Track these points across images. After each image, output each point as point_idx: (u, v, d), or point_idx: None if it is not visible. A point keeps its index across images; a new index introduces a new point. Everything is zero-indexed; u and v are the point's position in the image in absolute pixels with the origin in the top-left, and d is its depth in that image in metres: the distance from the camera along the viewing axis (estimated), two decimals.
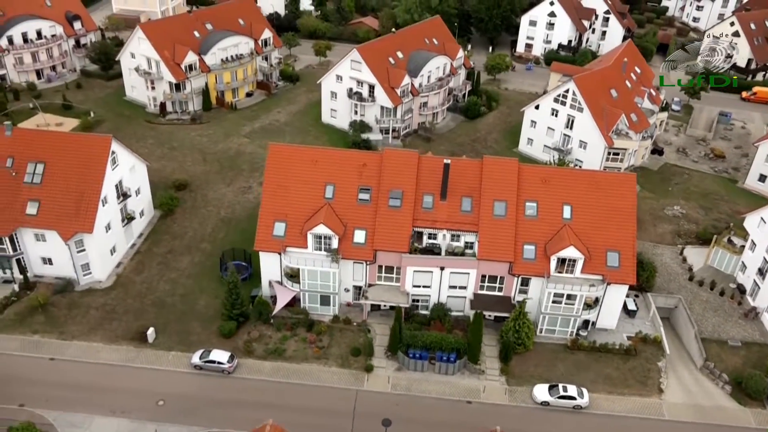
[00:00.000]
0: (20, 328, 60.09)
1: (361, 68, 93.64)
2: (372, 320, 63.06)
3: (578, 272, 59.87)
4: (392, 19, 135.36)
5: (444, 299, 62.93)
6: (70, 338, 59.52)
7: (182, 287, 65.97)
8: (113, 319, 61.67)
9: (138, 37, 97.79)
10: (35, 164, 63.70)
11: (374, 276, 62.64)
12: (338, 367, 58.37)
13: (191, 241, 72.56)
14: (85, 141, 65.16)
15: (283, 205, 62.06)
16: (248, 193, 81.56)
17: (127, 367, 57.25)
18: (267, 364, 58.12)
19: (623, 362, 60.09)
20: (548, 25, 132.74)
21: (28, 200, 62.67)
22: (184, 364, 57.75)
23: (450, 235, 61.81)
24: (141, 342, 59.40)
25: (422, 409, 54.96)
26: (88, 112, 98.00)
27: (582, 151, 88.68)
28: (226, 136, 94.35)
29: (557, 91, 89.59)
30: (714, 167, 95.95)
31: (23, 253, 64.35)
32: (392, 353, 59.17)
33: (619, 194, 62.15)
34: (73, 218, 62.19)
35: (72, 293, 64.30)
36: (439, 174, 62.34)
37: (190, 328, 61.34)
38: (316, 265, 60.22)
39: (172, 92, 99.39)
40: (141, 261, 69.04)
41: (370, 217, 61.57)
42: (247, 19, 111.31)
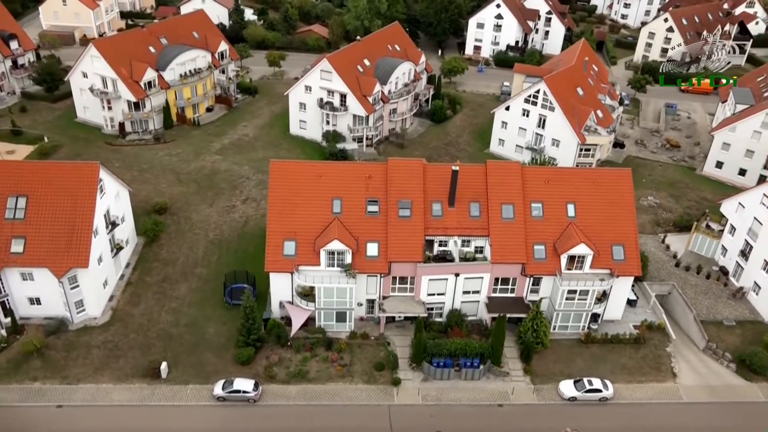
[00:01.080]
0: (17, 377, 55.52)
1: (331, 78, 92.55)
2: (388, 332, 62.42)
3: (587, 268, 61.57)
4: (342, 27, 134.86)
5: (458, 305, 63.17)
6: (75, 382, 55.53)
7: (186, 316, 62.94)
8: (119, 357, 58.04)
9: (91, 55, 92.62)
10: (16, 198, 59.03)
11: (388, 288, 62.04)
12: (364, 383, 57.41)
13: (184, 267, 69.36)
14: (71, 170, 60.78)
15: (290, 223, 60.39)
16: (233, 213, 78.82)
17: (143, 406, 54.02)
18: (292, 388, 56.38)
19: (635, 351, 62.30)
20: (495, 27, 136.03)
21: (11, 237, 57.97)
22: (205, 397, 55.12)
23: (461, 241, 62.14)
24: (154, 378, 56.21)
25: (457, 417, 54.88)
26: (40, 137, 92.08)
27: (555, 149, 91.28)
28: (196, 155, 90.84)
29: (527, 92, 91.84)
30: (672, 157, 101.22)
31: (8, 295, 59.54)
32: (417, 364, 58.75)
33: (617, 190, 64.33)
34: (65, 253, 58.04)
35: (66, 333, 60.02)
36: (444, 181, 62.45)
37: (204, 358, 58.61)
38: (333, 281, 58.99)
39: (131, 111, 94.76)
40: (135, 292, 65.35)
41: (381, 229, 60.92)
42: (201, 32, 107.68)
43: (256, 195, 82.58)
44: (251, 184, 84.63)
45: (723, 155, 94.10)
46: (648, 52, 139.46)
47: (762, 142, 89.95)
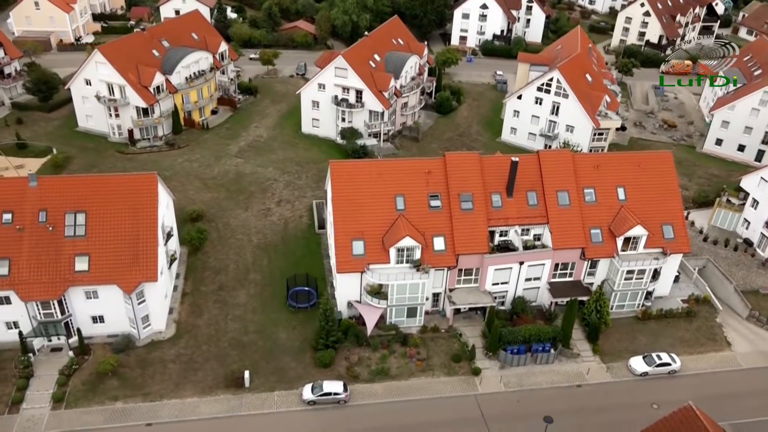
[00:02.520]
0: (96, 398, 53.79)
1: (346, 74, 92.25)
2: (456, 324, 63.43)
3: (641, 248, 64.18)
4: (329, 22, 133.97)
5: (520, 292, 64.75)
6: (159, 398, 54.22)
7: (253, 323, 62.16)
8: (197, 370, 56.93)
9: (96, 61, 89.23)
10: (74, 214, 56.87)
11: (454, 280, 63.03)
12: (446, 376, 58.31)
13: (236, 273, 68.28)
14: (129, 182, 58.89)
15: (357, 222, 60.49)
16: (270, 216, 77.86)
17: (234, 417, 53.30)
18: (377, 386, 56.72)
19: (689, 324, 65.46)
20: (481, 16, 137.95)
21: (74, 256, 55.86)
22: (294, 402, 54.83)
23: (520, 230, 63.63)
24: (238, 388, 55.46)
25: (541, 400, 56.46)
26: (47, 149, 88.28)
27: (569, 134, 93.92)
28: (216, 159, 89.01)
29: (540, 81, 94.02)
30: (671, 137, 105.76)
31: (72, 314, 57.42)
32: (492, 352, 60.04)
33: (660, 171, 67.09)
34: (133, 268, 56.35)
35: (135, 350, 58.41)
36: (500, 172, 63.76)
37: (283, 363, 58.17)
38: (407, 278, 59.47)
39: (140, 118, 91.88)
40: (194, 303, 64.01)
41: (446, 223, 61.74)
42: (200, 33, 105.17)
43: (288, 196, 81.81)
44: (280, 186, 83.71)
45: (722, 133, 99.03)
46: (625, 37, 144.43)
47: (760, 118, 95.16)
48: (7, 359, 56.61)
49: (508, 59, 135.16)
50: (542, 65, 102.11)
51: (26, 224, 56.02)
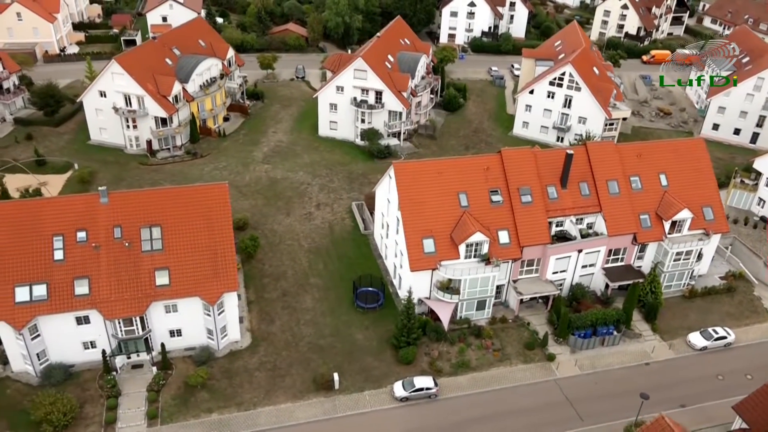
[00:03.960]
0: (190, 412, 53.43)
1: (366, 76, 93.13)
2: (521, 313, 65.58)
3: (685, 230, 67.86)
4: (321, 24, 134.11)
5: (577, 279, 67.45)
6: (252, 407, 54.29)
7: (326, 326, 62.69)
8: (283, 376, 57.17)
9: (112, 72, 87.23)
10: (150, 229, 56.19)
11: (517, 272, 65.16)
12: (523, 363, 60.40)
13: (296, 278, 68.51)
14: (200, 193, 58.39)
15: (425, 221, 61.82)
16: (313, 220, 78.23)
17: (331, 419, 53.95)
18: (461, 379, 58.31)
19: (731, 299, 69.60)
20: (469, 14, 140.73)
21: (154, 270, 55.21)
22: (386, 400, 55.85)
23: (575, 219, 66.31)
24: (328, 390, 56.05)
25: (617, 380, 59.22)
26: (67, 165, 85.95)
27: (581, 126, 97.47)
28: (244, 166, 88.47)
29: (552, 75, 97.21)
30: (669, 124, 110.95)
31: (151, 330, 56.71)
32: (562, 338, 62.46)
33: (695, 157, 71.02)
34: (213, 278, 56.13)
35: (216, 361, 58.12)
36: (553, 165, 66.28)
37: (366, 363, 59.03)
38: (478, 272, 61.20)
39: (159, 128, 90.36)
40: (262, 310, 64.00)
41: (508, 217, 63.76)
42: (206, 40, 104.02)
43: (325, 199, 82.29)
44: (314, 189, 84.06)
45: (719, 118, 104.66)
46: (604, 29, 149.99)
47: (755, 103, 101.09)
48: (89, 379, 55.57)
49: (498, 55, 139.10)
50: (548, 60, 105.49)
51: (101, 242, 55.03)
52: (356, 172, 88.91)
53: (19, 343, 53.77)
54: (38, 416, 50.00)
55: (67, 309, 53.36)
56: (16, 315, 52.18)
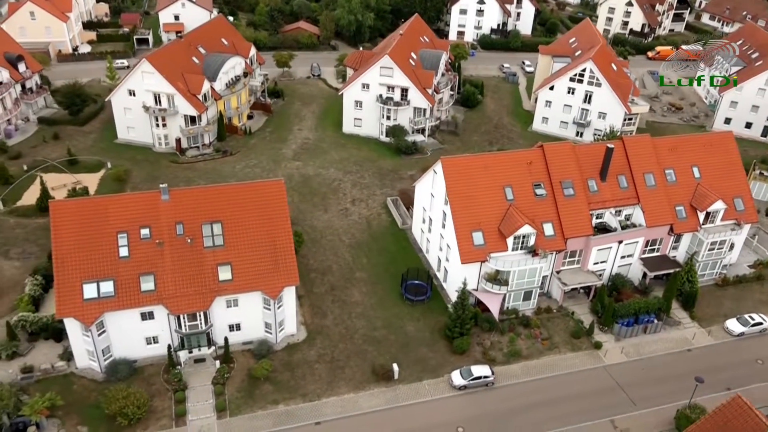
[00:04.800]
0: (257, 404, 54.58)
1: (392, 73, 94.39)
2: (564, 303, 67.52)
3: (718, 221, 70.25)
4: (334, 22, 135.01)
5: (616, 269, 69.50)
6: (317, 398, 55.59)
7: (377, 319, 64.09)
8: (343, 368, 58.51)
9: (143, 71, 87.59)
10: (211, 225, 57.13)
11: (560, 263, 67.04)
12: (571, 351, 62.30)
13: (342, 273, 69.80)
14: (258, 189, 59.43)
15: (473, 214, 63.40)
16: (350, 215, 79.52)
17: (394, 408, 55.40)
18: (514, 367, 60.08)
19: (761, 286, 72.15)
20: (478, 11, 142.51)
21: (217, 266, 56.18)
22: (445, 389, 57.43)
23: (614, 211, 68.34)
24: (388, 381, 57.50)
25: (663, 366, 61.32)
26: (99, 164, 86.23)
27: (601, 121, 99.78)
28: (275, 163, 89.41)
29: (573, 71, 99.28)
30: (681, 118, 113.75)
31: (212, 325, 57.69)
32: (607, 326, 64.48)
33: (725, 150, 73.40)
34: (275, 273, 57.22)
35: (275, 354, 59.25)
36: (592, 159, 68.24)
37: (421, 354, 60.55)
38: (527, 263, 62.94)
39: (189, 126, 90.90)
40: (313, 304, 65.17)
41: (552, 210, 65.59)
42: (228, 38, 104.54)
43: (359, 195, 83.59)
44: (347, 185, 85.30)
45: (731, 112, 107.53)
46: (609, 26, 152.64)
47: (766, 97, 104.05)
48: (153, 374, 56.47)
49: (507, 52, 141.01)
50: (564, 57, 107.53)
51: (164, 238, 55.89)
52: (386, 168, 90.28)
53: (86, 340, 54.49)
54: (113, 410, 50.86)
55: (134, 305, 54.21)
56: (85, 311, 52.92)
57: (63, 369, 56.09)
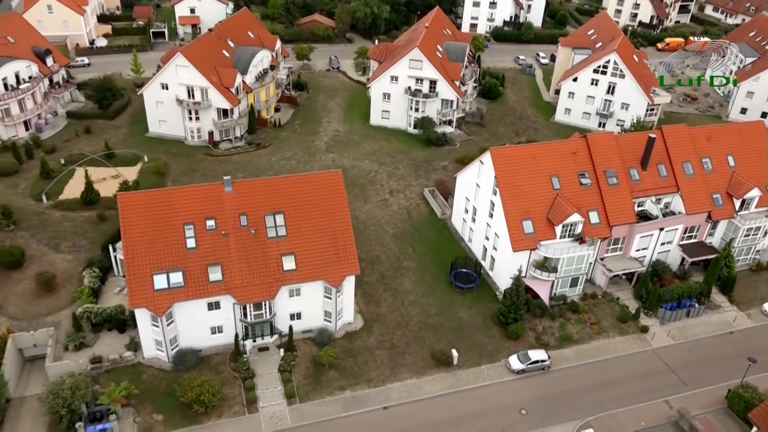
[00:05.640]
0: (324, 390, 55.95)
1: (421, 66, 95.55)
2: (607, 289, 69.46)
3: (752, 208, 72.47)
4: (350, 15, 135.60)
5: (656, 256, 71.48)
6: (381, 383, 57.06)
7: (431, 306, 65.57)
8: (403, 354, 59.97)
9: (176, 64, 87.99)
10: (273, 216, 58.18)
11: (604, 250, 68.87)
12: (619, 336, 64.22)
13: (390, 263, 71.14)
14: (317, 181, 60.57)
15: (523, 203, 64.98)
16: (390, 206, 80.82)
17: (456, 392, 57.00)
18: (567, 351, 61.89)
19: None
20: (491, 4, 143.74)
21: (281, 256, 57.29)
22: (503, 373, 59.11)
23: (655, 199, 70.26)
24: (448, 366, 59.10)
25: (708, 348, 63.50)
26: (135, 158, 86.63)
27: (624, 111, 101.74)
28: (310, 156, 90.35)
29: (597, 63, 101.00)
30: (697, 108, 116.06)
31: (276, 314, 58.84)
32: (651, 311, 66.46)
33: (757, 139, 75.54)
34: (336, 262, 58.46)
35: (335, 342, 60.55)
36: (633, 148, 70.04)
37: (476, 340, 62.16)
38: (575, 251, 64.66)
39: (222, 119, 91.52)
40: (366, 293, 66.43)
41: (596, 198, 67.31)
42: (254, 31, 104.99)
43: (396, 186, 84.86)
44: (383, 177, 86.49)
45: (747, 102, 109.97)
46: (618, 18, 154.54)
47: None
48: (219, 363, 57.54)
49: (520, 44, 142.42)
50: (585, 48, 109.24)
51: (229, 229, 56.88)
52: (419, 160, 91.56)
53: (155, 330, 55.44)
54: (188, 398, 51.91)
55: (203, 295, 55.21)
56: (156, 301, 53.84)
57: (130, 359, 57.03)
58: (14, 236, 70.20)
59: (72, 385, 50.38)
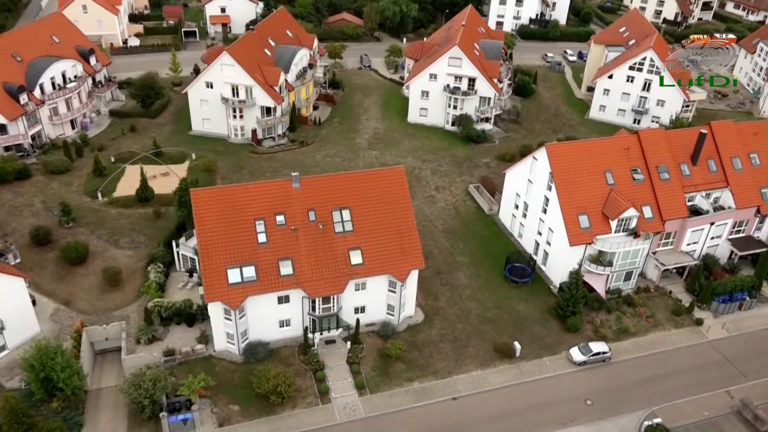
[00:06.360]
0: (393, 381, 57.16)
1: (461, 64, 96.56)
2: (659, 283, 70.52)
3: None
4: (379, 13, 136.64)
5: (705, 250, 72.50)
6: (448, 375, 58.24)
7: (488, 300, 66.71)
8: (466, 346, 61.13)
9: (222, 63, 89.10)
10: (340, 211, 59.31)
11: (656, 244, 69.91)
12: (674, 328, 65.27)
13: (443, 258, 72.27)
14: (380, 176, 61.63)
15: (578, 198, 66.03)
16: (437, 202, 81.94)
17: (521, 383, 58.14)
18: (625, 344, 62.95)
19: None
20: (517, 2, 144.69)
21: (348, 250, 58.42)
22: (565, 365, 60.25)
23: (705, 194, 71.26)
24: (510, 358, 60.22)
25: (763, 340, 64.50)
26: (182, 155, 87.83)
27: (659, 108, 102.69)
28: (354, 153, 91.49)
29: (633, 60, 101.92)
30: (728, 104, 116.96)
31: (342, 307, 60.00)
32: (705, 304, 67.48)
33: None
34: (401, 256, 59.56)
35: (399, 335, 61.70)
36: (683, 144, 71.03)
37: (535, 332, 63.26)
38: (631, 245, 65.69)
39: (265, 117, 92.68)
40: (423, 287, 67.18)
41: (649, 193, 68.34)
42: (292, 30, 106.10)
43: (441, 183, 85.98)
44: (428, 173, 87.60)
45: None
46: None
47: None
48: (288, 355, 58.75)
49: (545, 42, 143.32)
50: (618, 46, 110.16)
51: (298, 224, 58.03)
52: (460, 157, 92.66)
53: (227, 323, 56.64)
54: (264, 389, 53.09)
55: (275, 289, 56.38)
56: (231, 295, 55.02)
57: (202, 352, 58.24)
58: (74, 233, 71.57)
59: (152, 376, 51.64)
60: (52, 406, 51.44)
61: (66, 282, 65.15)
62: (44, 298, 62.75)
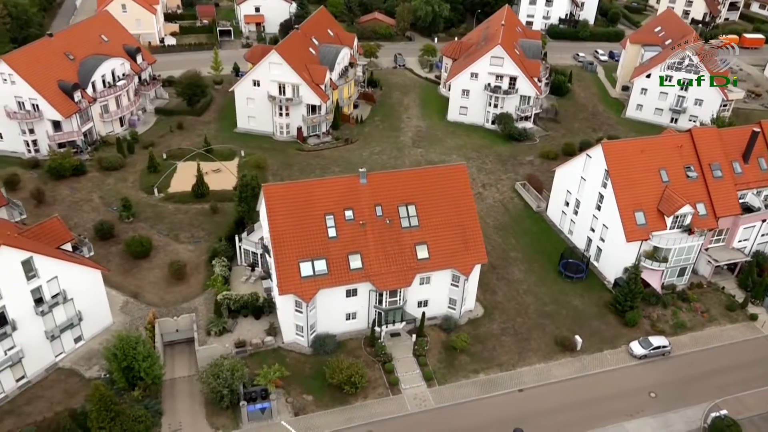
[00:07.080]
0: (459, 373, 58.38)
1: (502, 63, 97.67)
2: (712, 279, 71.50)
3: None
4: (411, 13, 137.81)
5: (756, 247, 73.39)
6: (512, 367, 59.41)
7: (544, 295, 67.84)
8: (528, 340, 62.29)
9: (270, 62, 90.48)
10: (406, 207, 60.55)
11: (708, 241, 70.87)
12: (729, 323, 66.23)
13: (497, 253, 73.41)
14: (444, 173, 62.83)
15: (634, 195, 67.10)
16: (485, 199, 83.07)
17: (584, 376, 59.25)
18: (683, 338, 63.97)
19: None
20: (547, 2, 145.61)
21: (414, 245, 59.64)
22: (626, 359, 61.32)
23: (756, 192, 72.18)
24: (572, 351, 61.33)
25: None
26: (231, 152, 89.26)
27: (697, 107, 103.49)
28: (399, 150, 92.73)
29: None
30: (762, 104, 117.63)
31: (406, 301, 61.22)
32: (759, 300, 68.40)
33: None
34: (464, 251, 60.76)
35: (461, 328, 62.90)
36: (734, 142, 71.99)
37: (594, 327, 64.33)
38: (686, 242, 66.69)
39: (311, 115, 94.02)
40: (480, 283, 67.98)
41: (702, 190, 69.32)
42: (333, 30, 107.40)
43: (486, 180, 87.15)
44: (473, 171, 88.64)
45: None
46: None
47: None
48: (355, 348, 60.01)
49: (575, 41, 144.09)
50: (654, 45, 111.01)
51: (365, 219, 59.27)
52: (504, 154, 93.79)
53: (297, 315, 57.97)
54: (338, 380, 54.38)
55: (345, 282, 57.66)
56: (303, 288, 56.31)
57: (271, 344, 59.58)
58: (135, 227, 73.06)
59: (230, 366, 53.01)
60: (134, 394, 52.86)
61: (132, 275, 66.61)
62: (113, 290, 64.13)
